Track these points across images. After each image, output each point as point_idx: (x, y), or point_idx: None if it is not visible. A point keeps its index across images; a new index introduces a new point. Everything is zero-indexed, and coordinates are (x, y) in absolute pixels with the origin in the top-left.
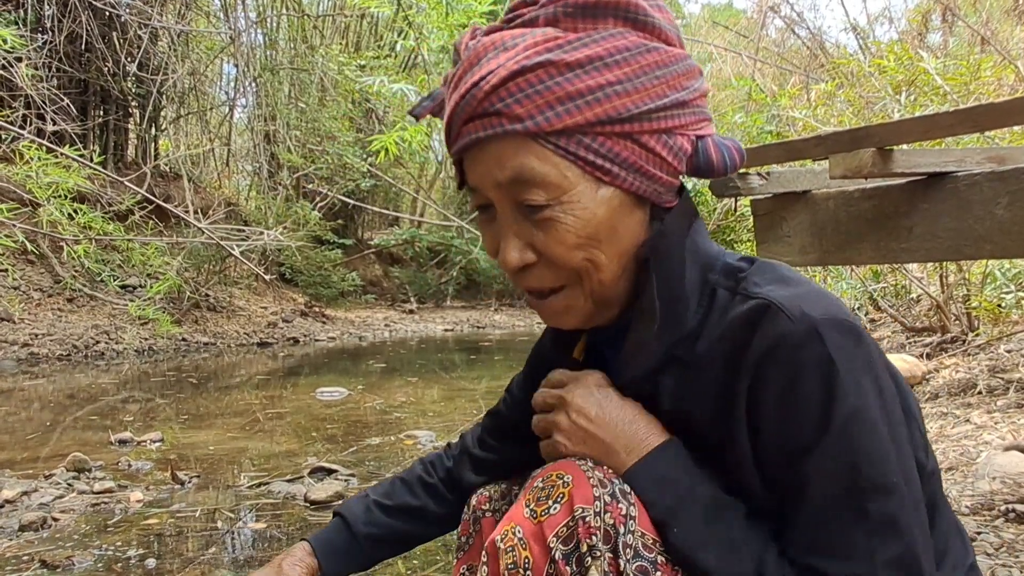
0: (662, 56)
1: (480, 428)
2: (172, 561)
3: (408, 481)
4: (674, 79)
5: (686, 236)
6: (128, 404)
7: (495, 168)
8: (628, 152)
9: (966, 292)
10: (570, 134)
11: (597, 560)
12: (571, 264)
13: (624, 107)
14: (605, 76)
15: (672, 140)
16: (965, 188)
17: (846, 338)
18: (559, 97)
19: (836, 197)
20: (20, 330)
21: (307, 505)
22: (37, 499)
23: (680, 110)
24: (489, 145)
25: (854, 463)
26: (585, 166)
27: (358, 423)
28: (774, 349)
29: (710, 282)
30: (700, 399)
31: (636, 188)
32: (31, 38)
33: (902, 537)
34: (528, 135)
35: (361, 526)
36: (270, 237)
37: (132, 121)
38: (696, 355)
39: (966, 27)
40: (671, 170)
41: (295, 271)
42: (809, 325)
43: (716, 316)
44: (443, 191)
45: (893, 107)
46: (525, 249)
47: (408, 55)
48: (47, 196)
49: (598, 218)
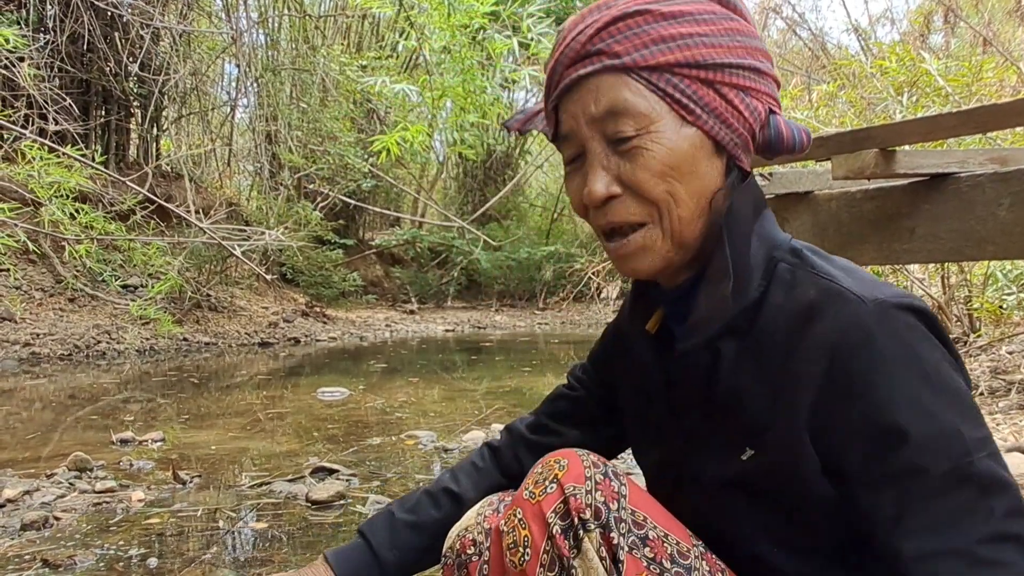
0: (742, 27)
1: (538, 416)
2: (174, 560)
3: (434, 494)
4: (752, 49)
5: (753, 213)
6: (129, 404)
7: (591, 103)
8: (709, 98)
9: (967, 293)
10: (661, 71)
11: (590, 533)
12: (654, 194)
13: (709, 56)
14: (694, 28)
15: (749, 99)
16: (968, 189)
17: (919, 318)
18: (653, 39)
19: (838, 198)
20: (22, 330)
21: (308, 505)
22: (39, 498)
23: (756, 76)
24: (589, 81)
25: (956, 432)
26: (672, 103)
27: (359, 423)
28: (845, 335)
29: (774, 258)
30: (758, 375)
31: (715, 133)
32: (33, 38)
33: (1008, 488)
34: (624, 70)
35: (386, 551)
36: (271, 237)
37: (134, 121)
38: (757, 328)
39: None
40: (747, 126)
41: (296, 271)
42: (882, 308)
43: (778, 291)
44: (444, 192)
45: (895, 108)
46: (612, 182)
47: (410, 55)
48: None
49: (681, 151)
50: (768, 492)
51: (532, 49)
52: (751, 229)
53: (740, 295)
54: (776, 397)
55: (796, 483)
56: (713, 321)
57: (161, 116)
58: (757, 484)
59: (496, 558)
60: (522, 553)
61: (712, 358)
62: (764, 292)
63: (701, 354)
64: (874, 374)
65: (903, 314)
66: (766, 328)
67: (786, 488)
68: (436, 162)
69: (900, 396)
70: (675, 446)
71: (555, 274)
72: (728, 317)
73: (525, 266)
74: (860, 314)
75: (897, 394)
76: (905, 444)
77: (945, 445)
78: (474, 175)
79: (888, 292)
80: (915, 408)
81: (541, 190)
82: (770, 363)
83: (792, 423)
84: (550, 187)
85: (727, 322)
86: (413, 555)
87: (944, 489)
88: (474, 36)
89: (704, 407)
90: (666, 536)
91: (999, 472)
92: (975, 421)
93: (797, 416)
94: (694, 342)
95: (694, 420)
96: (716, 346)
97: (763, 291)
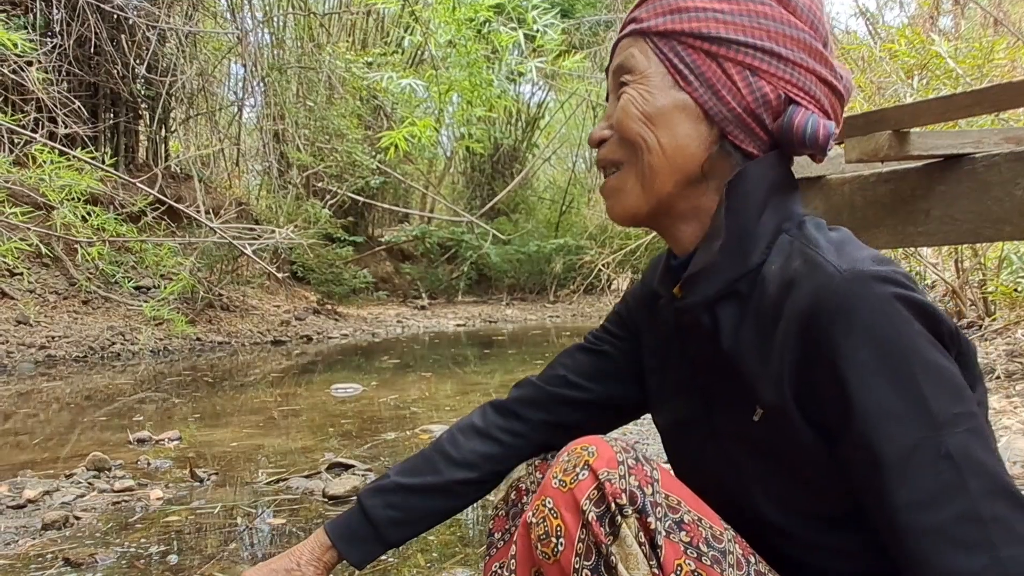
0: (773, 12)
1: (556, 367)
2: (193, 557)
3: (430, 456)
4: (777, 34)
5: (771, 187)
6: (145, 404)
7: (615, 59)
8: (708, 69)
9: (982, 277)
10: (668, 38)
11: (627, 519)
12: (629, 134)
13: (716, 30)
14: (714, 4)
15: (755, 80)
16: (983, 169)
17: (896, 289)
18: (671, 9)
19: (851, 182)
20: (37, 333)
21: (325, 500)
22: (59, 498)
23: (772, 59)
24: (620, 44)
25: (921, 406)
26: (670, 67)
27: (373, 419)
28: (820, 301)
29: (781, 229)
30: (755, 340)
31: (704, 103)
32: (41, 42)
33: (984, 466)
34: (641, 34)
35: (379, 510)
36: (281, 236)
37: (142, 123)
38: (756, 294)
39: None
40: (745, 106)
41: (307, 269)
42: (857, 278)
43: (776, 260)
44: (452, 187)
45: (905, 92)
46: (607, 127)
47: (415, 51)
48: (60, 199)
49: (661, 104)
50: (777, 455)
51: (538, 41)
52: (765, 200)
53: (741, 258)
54: (767, 363)
55: (798, 448)
56: (708, 278)
57: (169, 117)
58: (767, 447)
59: (523, 552)
60: (555, 544)
61: (713, 321)
62: (765, 259)
63: (702, 314)
64: (840, 342)
65: (879, 285)
66: (762, 295)
67: (790, 452)
68: (443, 157)
69: (862, 367)
70: (694, 405)
71: (565, 267)
72: (724, 278)
73: (535, 259)
74: (834, 283)
75: (859, 365)
76: (862, 416)
77: (906, 419)
78: (482, 169)
79: (868, 264)
80: (875, 380)
81: (549, 183)
82: (764, 329)
83: (780, 390)
84: (558, 180)
85: (728, 286)
86: (408, 513)
87: (909, 465)
88: (479, 29)
89: (713, 368)
90: (700, 520)
91: (975, 449)
92: (952, 396)
93: (782, 382)
94: (691, 300)
95: (710, 380)
96: (715, 309)
97: (766, 258)
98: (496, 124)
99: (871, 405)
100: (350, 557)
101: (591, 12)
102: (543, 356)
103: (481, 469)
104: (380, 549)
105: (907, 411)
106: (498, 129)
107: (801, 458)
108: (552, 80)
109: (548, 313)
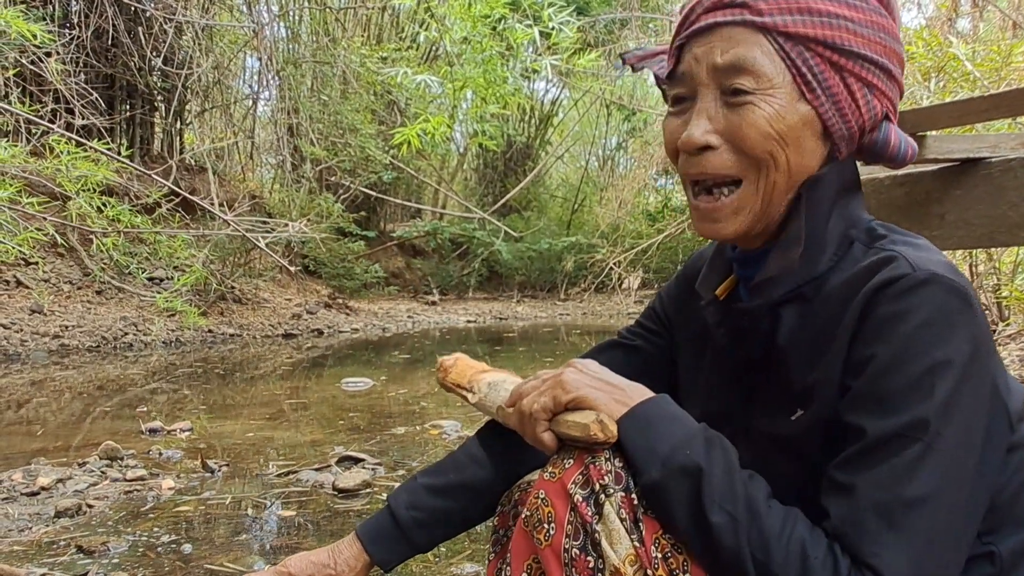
0: (888, 25)
1: None
2: (204, 547)
3: (456, 455)
4: (889, 50)
5: (839, 191)
6: (156, 394)
7: (719, 51)
8: (834, 82)
9: (996, 282)
10: (796, 41)
11: (611, 498)
12: (756, 151)
13: (847, 40)
14: (843, 10)
15: (870, 96)
16: (999, 174)
17: (959, 300)
18: (800, 8)
19: (866, 184)
20: (51, 322)
21: (335, 493)
22: (72, 486)
23: (885, 76)
24: (723, 30)
25: (933, 406)
26: (797, 75)
27: (382, 413)
28: (885, 287)
29: (850, 236)
30: (813, 340)
31: (828, 118)
32: (59, 33)
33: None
34: (762, 28)
35: (403, 511)
36: (294, 229)
37: (158, 115)
38: (820, 296)
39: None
40: (860, 121)
41: (319, 263)
42: (926, 276)
43: (846, 265)
44: (465, 183)
45: (922, 94)
46: (711, 132)
47: (430, 47)
48: (76, 190)
49: (791, 121)
50: (810, 455)
51: (553, 38)
52: (832, 205)
53: (809, 264)
54: (823, 357)
55: (826, 450)
56: (778, 283)
57: (184, 110)
58: (801, 446)
59: (517, 545)
60: (547, 529)
61: (774, 321)
62: (834, 266)
63: (763, 316)
64: (892, 329)
65: (950, 297)
66: (828, 299)
67: (818, 453)
68: (456, 153)
69: (893, 357)
70: (731, 401)
71: (576, 265)
72: (793, 283)
73: (546, 257)
74: (906, 275)
75: (892, 354)
76: (867, 390)
77: (902, 413)
78: (494, 166)
79: (944, 271)
80: (906, 368)
81: (561, 181)
82: (825, 330)
83: (832, 380)
84: (570, 178)
85: (793, 289)
86: (433, 515)
87: (875, 451)
88: (495, 26)
89: (762, 367)
90: None
91: (952, 467)
92: (960, 424)
93: (835, 373)
94: (758, 302)
95: (754, 379)
96: (779, 311)
97: (833, 264)
98: (509, 121)
99: (880, 388)
100: (374, 556)
101: (606, 10)
102: (553, 354)
103: (506, 467)
104: (407, 550)
105: (906, 409)
106: (511, 126)
107: (827, 460)
108: (566, 78)
109: (559, 311)
